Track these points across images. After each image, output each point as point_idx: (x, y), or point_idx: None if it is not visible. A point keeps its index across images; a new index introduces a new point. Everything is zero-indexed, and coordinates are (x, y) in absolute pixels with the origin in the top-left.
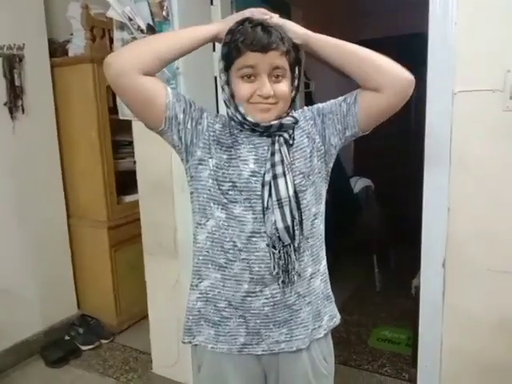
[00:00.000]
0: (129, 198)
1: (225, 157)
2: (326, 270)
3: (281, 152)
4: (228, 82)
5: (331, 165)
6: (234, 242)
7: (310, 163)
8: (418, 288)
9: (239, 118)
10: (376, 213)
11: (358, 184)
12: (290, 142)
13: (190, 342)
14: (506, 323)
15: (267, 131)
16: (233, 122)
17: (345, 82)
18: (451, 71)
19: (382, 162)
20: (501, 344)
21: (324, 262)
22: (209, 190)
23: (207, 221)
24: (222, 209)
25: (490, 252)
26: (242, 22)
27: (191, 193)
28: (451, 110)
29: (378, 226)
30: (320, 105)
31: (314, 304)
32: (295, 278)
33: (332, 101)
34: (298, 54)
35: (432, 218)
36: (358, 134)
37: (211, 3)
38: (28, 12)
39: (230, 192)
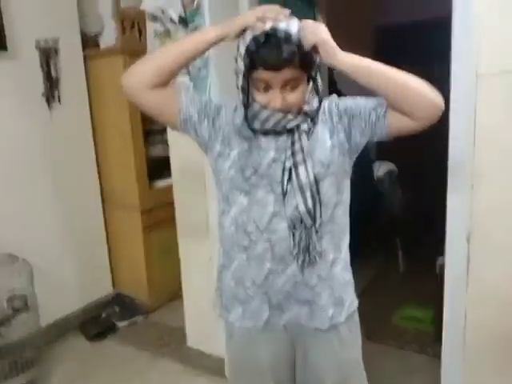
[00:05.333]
0: (160, 184)
1: (246, 146)
2: (348, 260)
3: (301, 140)
4: (245, 86)
5: (354, 158)
6: (256, 224)
7: (331, 155)
8: (442, 267)
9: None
10: (399, 197)
11: (382, 168)
12: (309, 132)
13: (228, 318)
14: None
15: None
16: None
17: None
18: (475, 54)
19: (405, 146)
20: None
21: (345, 251)
22: (231, 179)
23: (231, 208)
24: (244, 195)
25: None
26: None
27: (216, 183)
28: (475, 91)
29: (401, 209)
30: (348, 103)
31: (335, 289)
32: (317, 258)
33: (361, 102)
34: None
35: (456, 194)
36: (384, 140)
37: None
38: (61, 6)
39: (253, 177)
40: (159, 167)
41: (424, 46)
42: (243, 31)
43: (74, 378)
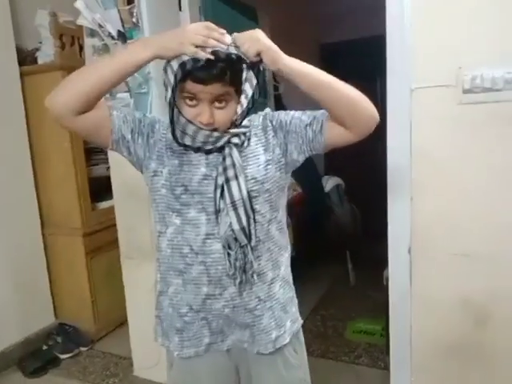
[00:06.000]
0: (103, 205)
1: (177, 162)
2: (287, 275)
3: (231, 156)
4: (171, 99)
5: (289, 175)
6: (190, 245)
7: (265, 171)
8: (388, 279)
9: (185, 142)
10: (347, 210)
11: (329, 183)
12: (240, 146)
13: (168, 347)
14: (468, 304)
15: (216, 148)
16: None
17: None
18: (408, 69)
19: (352, 161)
20: (465, 324)
21: (284, 268)
22: (164, 198)
23: (167, 229)
24: (177, 215)
25: (452, 237)
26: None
27: (152, 203)
28: (410, 105)
29: (350, 223)
30: (282, 117)
31: (275, 309)
32: (255, 278)
33: (295, 117)
34: (248, 72)
35: (396, 207)
36: (319, 153)
37: (180, 9)
38: None
39: (183, 196)
40: (102, 187)
41: (368, 62)
42: None
43: None
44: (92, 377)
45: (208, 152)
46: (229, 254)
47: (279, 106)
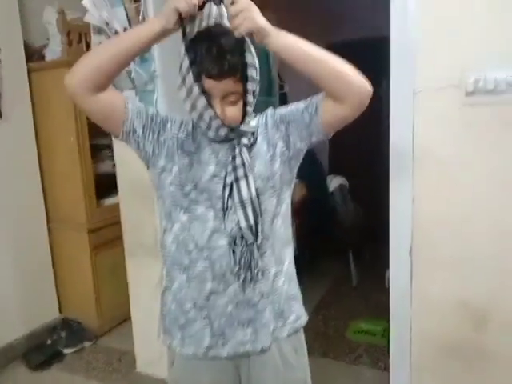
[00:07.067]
0: (108, 201)
1: (187, 161)
2: (291, 270)
3: (241, 155)
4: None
5: (295, 170)
6: (196, 241)
7: (271, 167)
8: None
9: (202, 126)
10: (350, 210)
11: (333, 182)
12: (250, 145)
13: (170, 344)
14: (469, 306)
15: (227, 139)
16: (198, 129)
17: None
18: (411, 72)
19: (356, 161)
20: (466, 326)
21: (287, 262)
22: (171, 195)
23: (172, 225)
24: (184, 212)
25: (453, 239)
26: (198, 35)
27: (158, 199)
28: (413, 107)
29: (353, 223)
30: (282, 111)
31: (275, 302)
32: (259, 275)
33: (293, 107)
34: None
35: (398, 208)
36: (322, 139)
37: None
38: (2, 17)
39: (192, 193)
40: (108, 184)
41: (374, 62)
42: (180, 20)
43: None
44: (95, 372)
45: (221, 142)
46: (234, 252)
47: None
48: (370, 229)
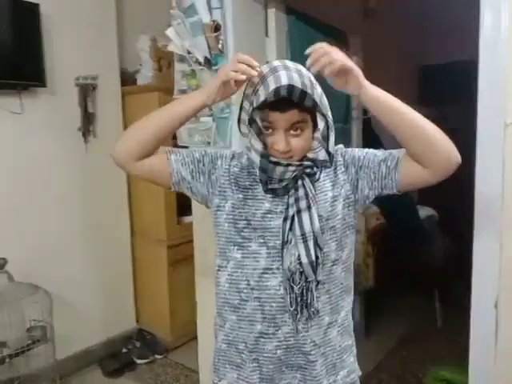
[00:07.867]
0: (188, 219)
1: (241, 196)
2: (347, 323)
3: (304, 186)
4: (250, 129)
5: (360, 210)
6: (247, 280)
7: (332, 208)
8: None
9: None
10: (439, 244)
11: (420, 213)
12: (313, 176)
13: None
14: None
15: (283, 185)
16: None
17: None
18: (503, 100)
19: (446, 192)
20: None
21: (344, 314)
22: (226, 232)
23: (227, 263)
24: (238, 249)
25: None
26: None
27: (215, 236)
28: (504, 141)
29: (441, 258)
30: (356, 153)
31: (328, 356)
32: (314, 315)
33: (369, 154)
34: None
35: (483, 255)
36: (394, 193)
37: (266, 35)
38: (102, 45)
39: (245, 230)
40: (189, 202)
41: (466, 86)
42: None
43: None
44: None
45: (285, 191)
46: (291, 288)
47: (368, 132)
48: (460, 266)
